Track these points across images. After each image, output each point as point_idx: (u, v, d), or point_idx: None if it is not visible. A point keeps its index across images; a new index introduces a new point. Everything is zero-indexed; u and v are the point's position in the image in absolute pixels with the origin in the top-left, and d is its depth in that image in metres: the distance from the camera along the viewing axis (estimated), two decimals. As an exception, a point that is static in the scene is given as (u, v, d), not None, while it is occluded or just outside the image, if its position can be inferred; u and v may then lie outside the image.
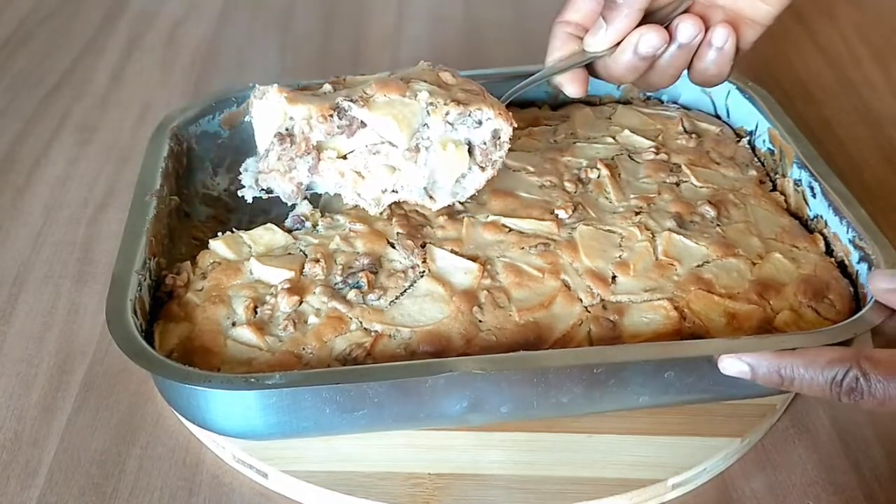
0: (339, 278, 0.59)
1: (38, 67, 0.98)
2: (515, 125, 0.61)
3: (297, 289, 0.58)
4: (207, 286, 0.59)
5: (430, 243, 0.61)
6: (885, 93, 0.94)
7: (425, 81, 0.61)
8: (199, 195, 0.70)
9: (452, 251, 0.60)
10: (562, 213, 0.63)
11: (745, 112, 0.73)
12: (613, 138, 0.71)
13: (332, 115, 0.58)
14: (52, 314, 0.68)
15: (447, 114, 0.59)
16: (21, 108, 0.91)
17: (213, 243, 0.62)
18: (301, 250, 0.61)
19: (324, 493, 0.55)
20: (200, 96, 0.74)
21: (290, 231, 0.63)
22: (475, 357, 0.53)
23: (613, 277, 0.59)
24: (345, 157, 0.60)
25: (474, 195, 0.62)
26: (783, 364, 0.51)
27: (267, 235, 0.62)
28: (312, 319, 0.56)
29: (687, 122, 0.73)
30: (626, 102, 0.76)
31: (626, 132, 0.72)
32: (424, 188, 0.61)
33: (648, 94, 0.78)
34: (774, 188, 0.68)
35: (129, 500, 0.56)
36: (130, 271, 0.57)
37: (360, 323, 0.56)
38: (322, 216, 0.64)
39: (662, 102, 0.78)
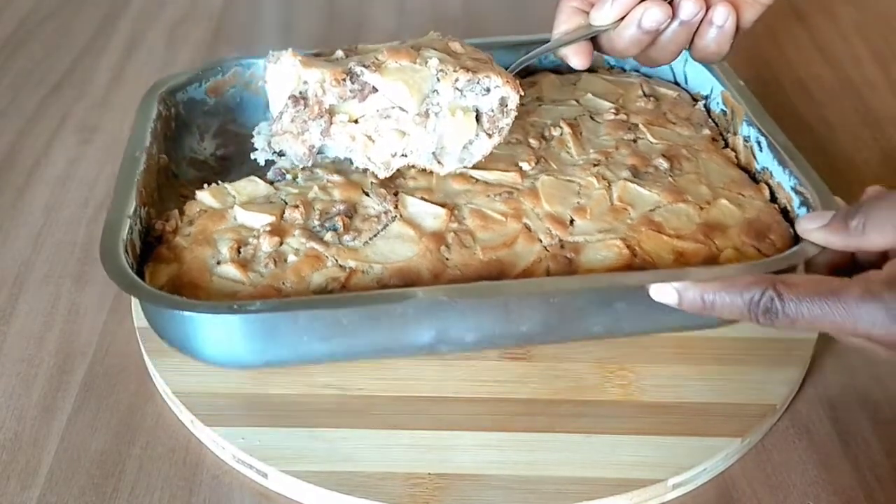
0: (316, 222, 0.62)
1: (38, 67, 0.98)
2: (522, 93, 0.63)
3: (278, 231, 0.61)
4: (194, 231, 0.62)
5: (402, 192, 0.65)
6: (886, 93, 0.94)
7: (435, 50, 0.63)
8: (186, 158, 0.73)
9: (423, 198, 0.64)
10: (525, 165, 0.67)
11: (701, 78, 0.77)
12: (577, 101, 0.75)
13: (344, 80, 0.61)
14: (53, 314, 0.68)
15: (456, 80, 0.62)
16: (21, 108, 0.91)
17: (199, 194, 0.65)
18: (282, 199, 0.65)
19: (324, 493, 0.56)
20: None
21: (271, 183, 0.66)
22: (440, 286, 0.58)
23: (571, 221, 0.63)
24: (356, 122, 0.62)
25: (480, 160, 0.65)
26: (706, 289, 0.54)
27: (250, 186, 0.66)
28: (291, 258, 0.60)
29: (646, 87, 0.77)
30: (591, 71, 0.80)
31: (590, 95, 0.75)
32: (433, 153, 0.64)
33: (612, 63, 0.81)
34: (727, 146, 0.72)
35: (130, 500, 0.56)
36: (123, 216, 0.60)
37: (336, 260, 0.60)
38: (302, 170, 0.67)
39: (625, 71, 0.81)
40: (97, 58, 0.99)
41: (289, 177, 0.67)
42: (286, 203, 0.64)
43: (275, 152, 0.64)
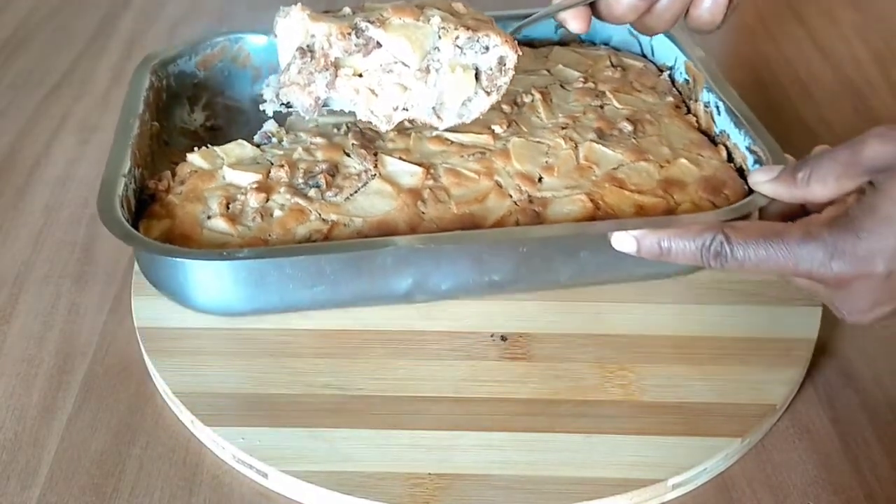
0: (300, 180, 0.66)
1: (38, 67, 0.98)
2: (520, 53, 0.66)
3: (265, 188, 0.65)
4: (185, 189, 0.66)
5: (381, 153, 0.68)
6: (886, 93, 0.94)
7: (438, 9, 0.65)
8: (177, 128, 0.77)
9: (400, 158, 0.68)
10: (498, 128, 0.71)
11: (666, 50, 0.80)
12: (548, 71, 0.78)
13: (350, 34, 0.63)
14: (53, 314, 0.68)
15: (457, 38, 0.64)
16: (21, 108, 0.91)
17: (190, 156, 0.69)
18: (268, 160, 0.68)
19: (324, 493, 0.56)
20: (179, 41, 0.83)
21: (258, 146, 0.70)
22: (417, 235, 0.62)
23: (540, 178, 0.67)
24: (360, 75, 0.65)
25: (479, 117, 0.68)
26: (662, 236, 0.57)
27: (238, 149, 0.69)
28: (277, 212, 0.64)
29: (614, 58, 0.80)
30: (562, 44, 0.83)
31: (560, 66, 0.79)
32: (433, 108, 0.66)
33: (582, 38, 0.84)
34: (689, 112, 0.76)
35: (130, 500, 0.56)
36: (118, 175, 0.64)
37: (319, 214, 0.64)
38: (287, 133, 0.71)
39: (595, 45, 0.84)
40: (97, 58, 0.99)
41: (274, 140, 0.71)
42: (272, 163, 0.67)
43: (283, 104, 0.66)
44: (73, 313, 0.68)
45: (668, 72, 0.79)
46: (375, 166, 0.67)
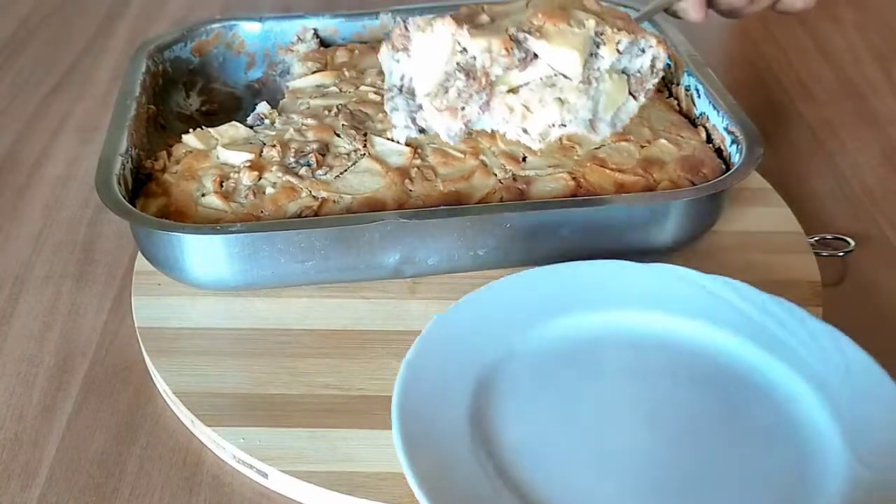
0: (292, 159, 0.68)
1: (38, 67, 0.98)
2: (670, 52, 0.68)
3: (257, 167, 0.67)
4: (180, 168, 0.68)
5: (370, 133, 0.70)
6: (887, 93, 0.94)
7: (582, 10, 0.62)
8: (173, 113, 0.79)
9: (389, 139, 0.69)
10: None
11: None
12: None
13: (513, 48, 0.58)
14: (53, 314, 0.68)
15: (619, 42, 0.61)
16: (22, 108, 0.91)
17: (185, 137, 0.71)
18: (261, 140, 0.70)
19: (324, 493, 0.55)
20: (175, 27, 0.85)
21: (251, 127, 0.72)
22: (404, 210, 0.64)
23: (524, 158, 0.69)
24: (513, 92, 0.61)
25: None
26: None
27: (231, 130, 0.71)
28: (269, 190, 0.66)
29: None
30: None
31: None
32: (589, 120, 0.63)
33: None
34: (671, 95, 0.79)
35: (130, 500, 0.56)
36: (115, 154, 0.66)
37: (310, 192, 0.66)
38: (279, 115, 0.73)
39: None
40: (97, 58, 0.99)
41: (267, 121, 0.73)
42: (264, 143, 0.69)
43: (420, 130, 0.64)
44: (74, 313, 0.68)
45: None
46: (365, 146, 0.69)
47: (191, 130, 0.71)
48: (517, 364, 0.58)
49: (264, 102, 0.75)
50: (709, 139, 0.72)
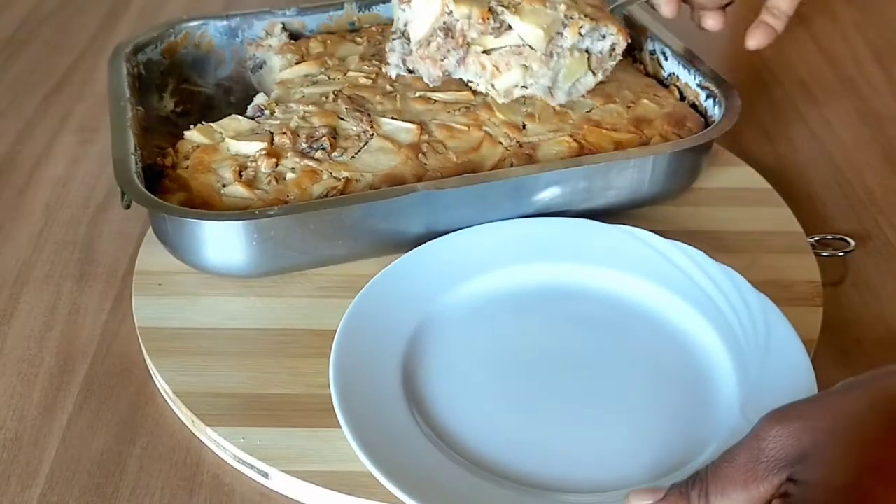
0: (304, 144, 0.69)
1: (39, 67, 0.98)
2: (630, 41, 0.73)
3: (273, 154, 0.69)
4: (192, 163, 0.69)
5: (373, 115, 0.73)
6: (887, 93, 0.94)
7: None
8: (153, 115, 0.79)
9: (393, 118, 0.73)
10: None
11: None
12: None
13: (489, 18, 0.69)
14: (54, 314, 0.68)
15: (581, 27, 0.71)
16: (22, 108, 0.91)
17: (188, 133, 0.72)
18: (267, 130, 0.72)
19: (325, 493, 0.56)
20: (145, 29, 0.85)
21: (252, 118, 0.73)
22: (431, 181, 0.67)
23: (523, 125, 0.73)
24: (487, 53, 0.70)
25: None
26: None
27: (234, 123, 0.72)
28: (290, 175, 0.67)
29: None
30: None
31: None
32: (548, 87, 0.72)
33: None
34: (636, 62, 0.84)
35: (130, 500, 0.56)
36: (128, 153, 0.67)
37: (331, 173, 0.68)
38: (276, 105, 0.74)
39: None
40: (98, 58, 0.99)
41: (267, 112, 0.74)
42: (272, 133, 0.71)
43: (408, 70, 0.72)
44: (74, 313, 0.68)
45: None
46: (372, 127, 0.72)
47: (191, 127, 0.72)
48: (448, 317, 0.64)
49: (261, 94, 0.77)
50: (682, 97, 0.78)
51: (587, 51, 0.72)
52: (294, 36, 0.85)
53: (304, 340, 0.64)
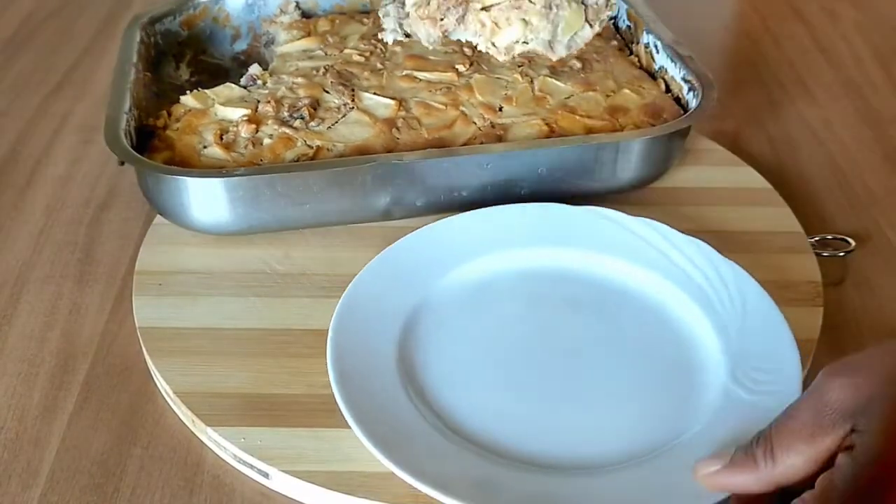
0: (286, 113, 0.73)
1: (39, 67, 0.98)
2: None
3: (254, 120, 0.73)
4: (181, 125, 0.73)
5: (357, 89, 0.76)
6: (887, 93, 0.94)
7: None
8: (166, 83, 0.83)
9: (375, 94, 0.76)
10: (461, 67, 0.79)
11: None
12: None
13: None
14: (54, 314, 0.68)
15: None
16: (23, 108, 0.91)
17: (183, 98, 0.76)
18: (255, 98, 0.76)
19: (325, 493, 0.56)
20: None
21: (245, 87, 0.78)
22: (392, 154, 0.70)
23: (500, 108, 0.76)
24: (486, 9, 0.72)
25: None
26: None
27: (226, 90, 0.77)
28: (267, 140, 0.71)
29: None
30: None
31: None
32: (548, 41, 0.73)
33: None
34: (632, 53, 0.85)
35: (131, 500, 0.56)
36: (120, 112, 0.71)
37: (304, 141, 0.71)
38: (270, 75, 0.79)
39: None
40: (98, 58, 0.99)
41: (259, 82, 0.78)
42: (258, 101, 0.75)
43: (405, 34, 0.74)
44: (74, 313, 0.69)
45: (613, 20, 0.88)
46: (353, 100, 0.75)
47: (188, 92, 0.76)
48: (439, 303, 0.65)
49: (255, 64, 0.80)
50: (668, 90, 0.79)
51: (583, 2, 0.73)
52: (307, 14, 0.89)
53: (304, 340, 0.64)
